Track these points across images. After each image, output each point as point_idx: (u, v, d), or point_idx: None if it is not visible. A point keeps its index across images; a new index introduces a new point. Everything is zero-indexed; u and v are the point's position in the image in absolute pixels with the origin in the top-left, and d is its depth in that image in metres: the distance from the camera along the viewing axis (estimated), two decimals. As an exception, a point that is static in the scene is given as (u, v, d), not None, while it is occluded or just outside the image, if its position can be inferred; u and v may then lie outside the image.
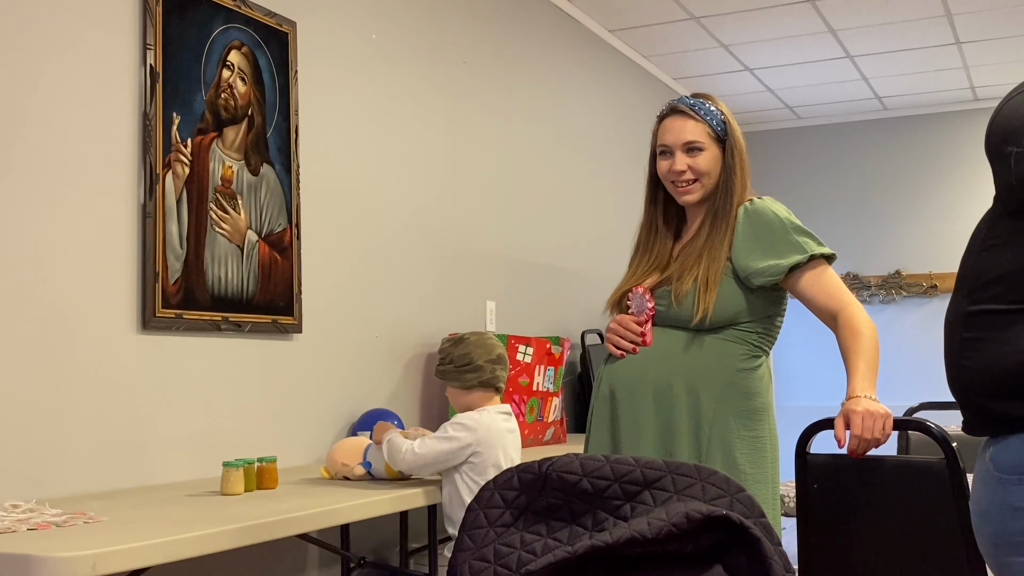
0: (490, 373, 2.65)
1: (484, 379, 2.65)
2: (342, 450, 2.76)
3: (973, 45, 5.66)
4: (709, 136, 2.37)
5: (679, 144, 2.37)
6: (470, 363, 2.64)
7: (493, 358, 2.67)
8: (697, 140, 2.36)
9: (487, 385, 2.66)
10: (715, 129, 2.37)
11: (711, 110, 2.38)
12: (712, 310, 2.25)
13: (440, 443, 2.54)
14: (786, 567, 1.43)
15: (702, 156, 2.36)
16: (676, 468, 1.52)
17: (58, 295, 2.44)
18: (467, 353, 2.65)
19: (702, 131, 2.37)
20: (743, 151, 2.40)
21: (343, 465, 2.71)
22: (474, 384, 2.65)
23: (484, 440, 2.55)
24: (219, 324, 2.85)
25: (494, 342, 2.72)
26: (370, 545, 3.35)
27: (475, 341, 2.69)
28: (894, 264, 6.97)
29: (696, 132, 2.36)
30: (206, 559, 2.75)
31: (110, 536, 1.81)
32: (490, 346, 2.69)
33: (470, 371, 2.64)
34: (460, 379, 2.66)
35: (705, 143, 2.36)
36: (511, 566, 1.47)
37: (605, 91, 5.44)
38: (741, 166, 2.38)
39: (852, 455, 2.14)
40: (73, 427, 2.46)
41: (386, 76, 3.64)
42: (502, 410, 2.68)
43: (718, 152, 2.37)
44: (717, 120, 2.38)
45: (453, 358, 2.67)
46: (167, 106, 2.73)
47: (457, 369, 2.66)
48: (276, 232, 3.07)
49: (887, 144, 7.04)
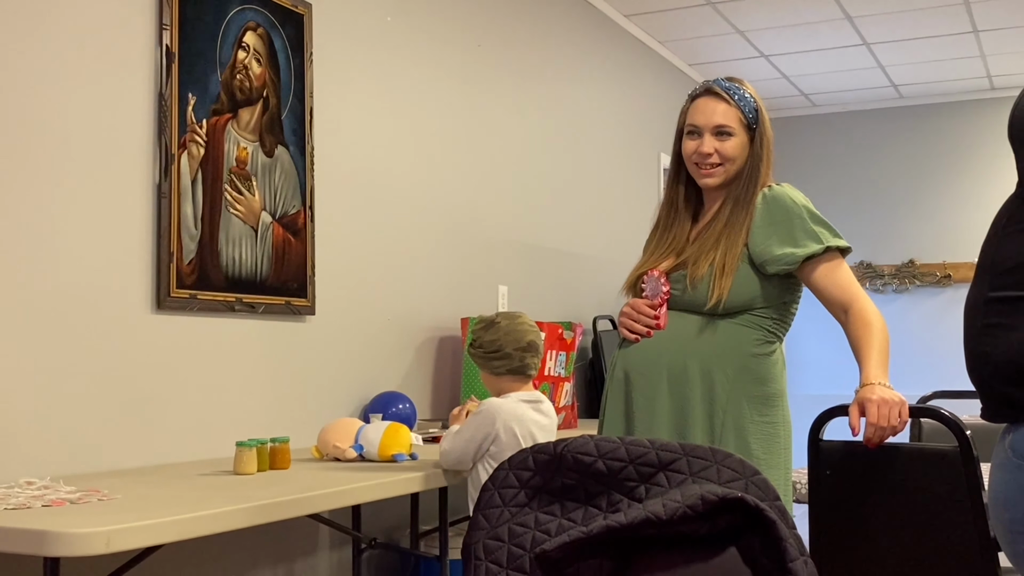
0: (519, 361, 2.56)
1: (512, 367, 2.56)
2: (334, 431, 2.73)
3: (991, 33, 5.62)
4: (740, 122, 2.34)
5: (709, 126, 2.35)
6: (498, 350, 2.56)
7: (523, 346, 2.56)
8: (728, 125, 2.34)
9: (516, 373, 2.57)
10: (747, 116, 2.35)
11: (745, 96, 2.36)
12: (727, 295, 2.25)
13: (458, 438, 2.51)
14: (800, 550, 1.42)
15: (731, 141, 2.34)
16: (691, 450, 1.52)
17: (73, 274, 2.45)
18: (496, 339, 2.56)
19: (734, 116, 2.34)
20: (771, 141, 2.37)
21: (335, 447, 2.69)
22: (502, 371, 2.57)
23: (504, 426, 2.51)
24: (233, 305, 2.86)
25: (525, 328, 2.60)
26: (381, 526, 3.36)
27: (505, 327, 2.58)
28: (908, 253, 6.94)
29: (728, 116, 2.34)
30: (218, 538, 2.76)
31: (124, 513, 1.82)
32: (521, 333, 2.58)
33: (498, 359, 2.56)
34: (488, 366, 2.58)
35: (735, 128, 2.34)
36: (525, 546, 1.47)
37: (620, 76, 5.42)
38: (768, 156, 2.36)
39: (868, 444, 2.13)
40: (87, 405, 2.47)
41: (401, 59, 3.63)
42: (526, 397, 2.58)
43: (746, 139, 2.35)
44: (750, 107, 2.35)
45: (483, 343, 2.58)
46: (183, 87, 2.73)
47: (486, 355, 2.58)
48: (290, 214, 3.07)
49: (902, 133, 7.00)
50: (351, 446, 2.67)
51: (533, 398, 2.59)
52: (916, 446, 2.27)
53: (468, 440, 2.49)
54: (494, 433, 2.48)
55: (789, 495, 2.32)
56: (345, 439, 2.69)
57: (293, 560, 3.08)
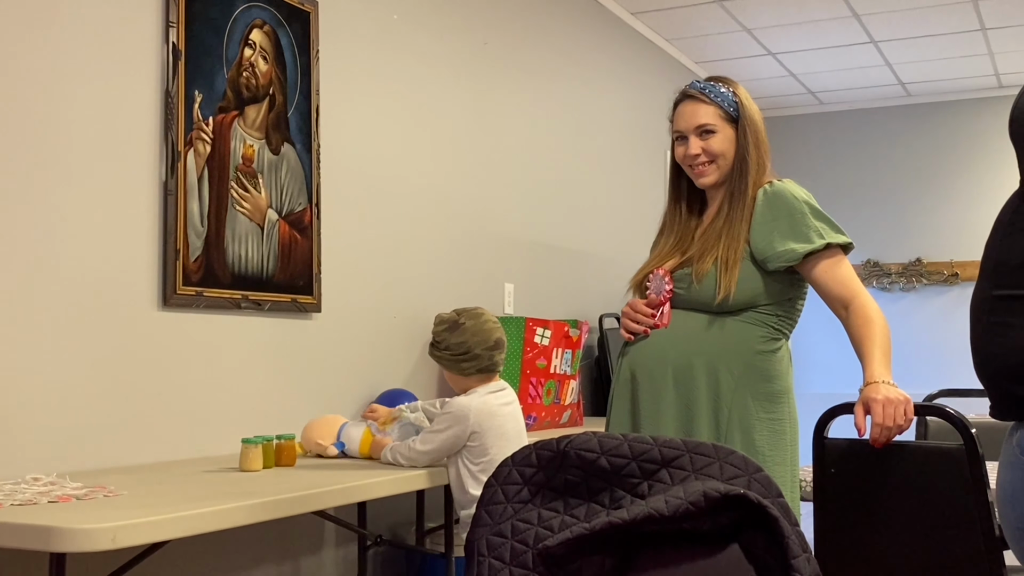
0: (488, 360, 2.54)
1: (482, 366, 2.55)
2: (317, 428, 2.75)
3: (999, 31, 5.60)
4: (721, 117, 2.37)
5: (692, 128, 2.39)
6: (467, 352, 2.52)
7: (491, 344, 2.54)
8: (708, 123, 2.37)
9: (485, 371, 2.56)
10: (727, 110, 2.37)
11: (721, 91, 2.39)
12: (735, 289, 2.25)
13: (434, 437, 2.51)
14: (803, 547, 1.42)
15: (715, 138, 2.37)
16: (694, 447, 1.52)
17: (79, 271, 2.46)
18: (464, 342, 2.52)
19: (713, 113, 2.38)
20: (758, 131, 2.39)
21: (317, 443, 2.71)
22: (472, 372, 2.55)
23: (477, 423, 2.50)
24: (239, 302, 2.86)
25: (491, 326, 2.57)
26: (386, 523, 3.37)
27: (472, 328, 2.54)
28: (915, 252, 6.93)
29: (707, 115, 2.38)
30: (224, 534, 2.77)
31: (130, 510, 1.83)
32: (488, 332, 2.55)
33: (467, 360, 2.53)
34: (457, 367, 2.55)
35: (717, 125, 2.37)
36: (528, 542, 1.48)
37: (627, 74, 5.42)
38: (756, 145, 2.37)
39: (875, 444, 2.13)
40: (93, 402, 2.47)
41: (407, 57, 3.64)
42: (492, 388, 2.57)
43: (732, 132, 2.38)
44: (728, 101, 2.38)
45: (449, 345, 2.54)
46: (189, 84, 2.73)
47: (454, 357, 2.54)
48: (296, 211, 3.07)
49: (910, 131, 6.99)
50: (332, 443, 2.69)
51: (496, 387, 2.59)
52: (921, 444, 2.26)
53: (443, 440, 2.50)
54: (468, 431, 2.48)
55: (796, 492, 2.32)
56: (327, 436, 2.72)
57: (298, 557, 3.09)
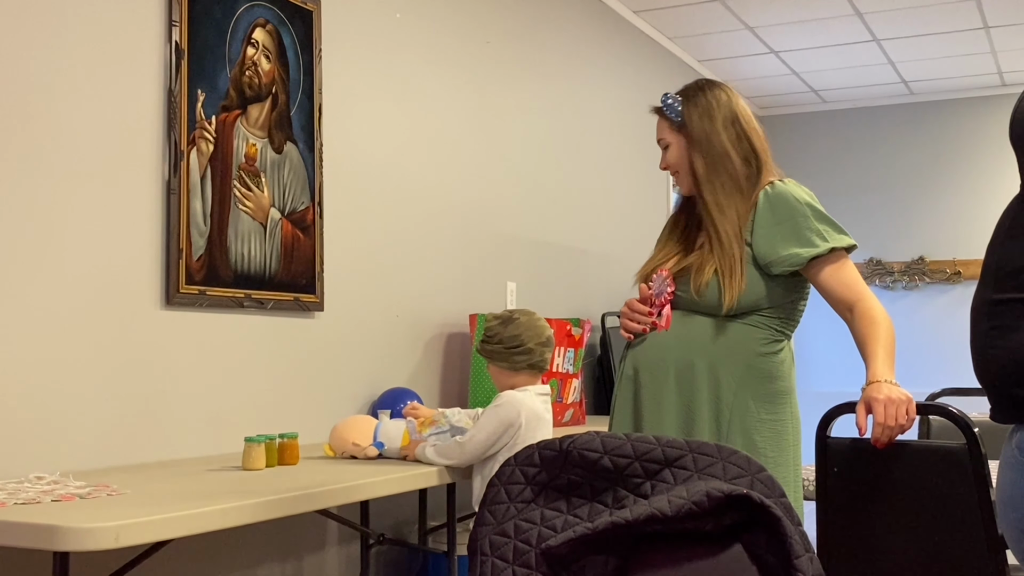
0: (539, 356, 2.60)
1: (533, 361, 2.59)
2: (351, 428, 2.71)
3: (1002, 30, 5.60)
4: (670, 129, 2.40)
5: (659, 144, 2.44)
6: (520, 345, 2.57)
7: (543, 340, 2.61)
8: (661, 136, 2.42)
9: (535, 367, 2.60)
10: (673, 121, 2.38)
11: (669, 103, 2.39)
12: (738, 296, 2.24)
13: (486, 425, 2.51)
14: (806, 547, 1.43)
15: (669, 152, 2.41)
16: (697, 447, 1.52)
17: (82, 270, 2.46)
18: (518, 335, 2.58)
19: (665, 127, 2.41)
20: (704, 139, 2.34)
21: (353, 444, 2.67)
22: (523, 366, 2.59)
23: (526, 419, 2.53)
24: (242, 301, 2.87)
25: (544, 323, 2.65)
26: (389, 522, 3.37)
27: (526, 322, 2.61)
28: (918, 250, 6.92)
29: (661, 129, 2.42)
30: (227, 533, 2.77)
31: (133, 508, 1.83)
32: (540, 328, 2.63)
33: (520, 353, 2.57)
34: (509, 360, 2.59)
35: (669, 138, 2.40)
36: (531, 541, 1.48)
37: (629, 72, 5.41)
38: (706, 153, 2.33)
39: (876, 444, 2.12)
40: (96, 401, 2.48)
41: (410, 56, 3.64)
42: (541, 391, 2.63)
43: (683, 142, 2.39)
44: (674, 112, 2.38)
45: (503, 338, 2.59)
46: (192, 83, 2.73)
47: (507, 350, 2.58)
48: (299, 210, 3.08)
49: (913, 129, 6.98)
50: (371, 444, 2.66)
51: (544, 391, 2.64)
52: (924, 443, 2.26)
53: (491, 433, 2.50)
54: (518, 424, 2.50)
55: (799, 492, 2.32)
56: (364, 437, 2.67)
57: (301, 555, 3.09)
